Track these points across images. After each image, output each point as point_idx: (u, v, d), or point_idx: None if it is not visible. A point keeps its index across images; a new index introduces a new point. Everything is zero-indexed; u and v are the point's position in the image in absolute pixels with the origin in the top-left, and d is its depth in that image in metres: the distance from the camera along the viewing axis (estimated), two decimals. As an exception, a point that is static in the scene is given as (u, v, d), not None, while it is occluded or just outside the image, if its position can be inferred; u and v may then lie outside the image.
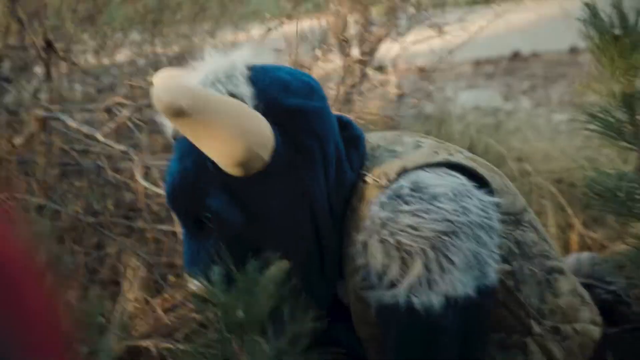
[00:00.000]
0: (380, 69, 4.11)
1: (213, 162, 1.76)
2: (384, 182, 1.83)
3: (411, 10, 4.44)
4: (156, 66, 4.73)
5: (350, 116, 3.13)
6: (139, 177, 2.90)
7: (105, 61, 4.78)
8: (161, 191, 2.97)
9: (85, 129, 3.04)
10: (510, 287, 1.85)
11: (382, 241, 1.76)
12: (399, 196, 1.77)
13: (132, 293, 2.99)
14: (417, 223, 1.73)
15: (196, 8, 5.16)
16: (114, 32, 4.91)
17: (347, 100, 3.41)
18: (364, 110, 3.20)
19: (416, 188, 1.77)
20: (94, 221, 3.44)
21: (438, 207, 1.74)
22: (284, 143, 1.78)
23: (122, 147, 3.00)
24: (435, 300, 1.73)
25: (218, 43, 4.82)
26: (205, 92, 1.71)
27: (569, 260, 2.43)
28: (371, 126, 3.81)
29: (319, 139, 1.81)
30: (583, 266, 2.37)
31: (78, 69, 4.13)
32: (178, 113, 1.58)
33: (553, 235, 3.68)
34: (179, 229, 3.23)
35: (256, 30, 5.22)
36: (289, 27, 3.12)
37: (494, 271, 1.77)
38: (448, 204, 1.74)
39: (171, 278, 3.29)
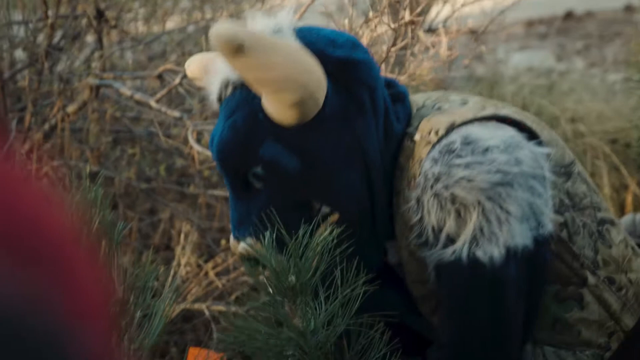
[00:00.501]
0: (432, 31, 4.07)
1: (264, 114, 1.77)
2: (433, 137, 1.82)
3: (462, -30, 4.38)
4: (206, 32, 4.74)
5: (402, 78, 3.11)
6: (192, 141, 2.91)
7: (156, 29, 4.79)
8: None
9: (137, 95, 3.05)
10: (564, 238, 1.84)
11: (437, 195, 1.75)
12: (450, 150, 1.76)
13: (184, 257, 3.02)
14: (471, 175, 1.72)
15: (245, -27, 5.15)
16: (164, 0, 4.92)
17: (399, 63, 3.38)
18: (416, 72, 3.17)
19: (467, 141, 1.76)
20: (147, 187, 3.47)
21: (491, 159, 1.73)
22: (336, 92, 1.78)
23: (174, 113, 3.01)
24: (497, 252, 1.72)
25: (267, 7, 4.81)
26: (263, 33, 1.72)
27: (625, 220, 2.40)
28: (422, 87, 3.78)
29: (369, 89, 1.82)
30: (638, 227, 2.35)
31: (129, 37, 4.15)
32: (237, 50, 1.57)
33: (607, 196, 3.63)
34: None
35: (305, -6, 5.20)
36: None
37: (549, 221, 1.77)
38: (500, 155, 1.73)
39: (223, 242, 3.31)
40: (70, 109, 3.16)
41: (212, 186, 3.58)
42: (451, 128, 1.81)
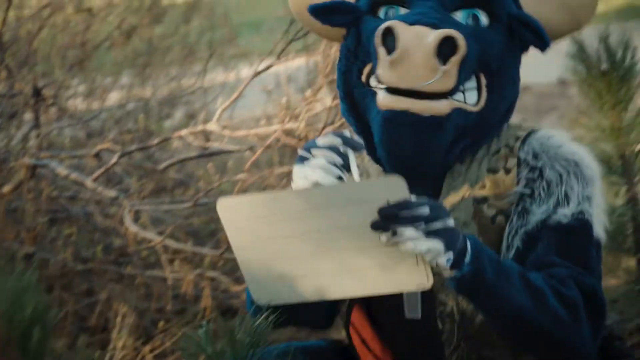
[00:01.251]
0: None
1: None
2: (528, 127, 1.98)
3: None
4: (146, 109, 4.74)
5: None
6: (128, 221, 2.88)
7: (95, 105, 4.78)
8: (151, 235, 2.95)
9: (74, 175, 3.03)
10: None
11: (559, 156, 1.90)
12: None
13: (121, 340, 2.96)
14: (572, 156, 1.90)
15: (185, 51, 5.18)
16: (104, 77, 4.93)
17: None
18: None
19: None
20: (83, 268, 3.42)
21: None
22: None
23: (111, 193, 2.99)
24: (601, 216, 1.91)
25: (206, 87, 4.84)
26: None
27: None
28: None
29: None
30: None
31: (67, 115, 4.13)
32: None
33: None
34: (169, 274, 3.22)
35: (246, 71, 5.24)
36: (279, 67, 3.12)
37: None
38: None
39: (161, 324, 3.26)
40: (6, 189, 3.12)
41: (150, 266, 3.54)
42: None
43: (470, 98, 1.86)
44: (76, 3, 4.68)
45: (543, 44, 1.87)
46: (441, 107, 1.79)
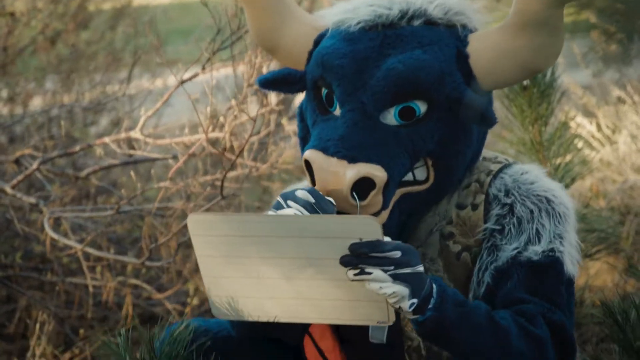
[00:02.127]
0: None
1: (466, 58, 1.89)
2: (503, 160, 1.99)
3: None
4: (71, 115, 4.69)
5: (264, 166, 3.13)
6: (48, 228, 2.85)
7: (18, 110, 4.71)
8: (72, 243, 2.92)
9: (-7, 180, 2.98)
10: None
11: (533, 194, 1.92)
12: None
13: (40, 348, 2.92)
14: (545, 193, 1.92)
15: (110, 58, 5.13)
16: (27, 82, 4.85)
17: (262, 150, 3.41)
18: (278, 160, 3.21)
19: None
20: (2, 275, 3.37)
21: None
22: None
23: (30, 199, 2.95)
24: (573, 253, 1.93)
25: (133, 92, 4.80)
26: None
27: None
28: (284, 175, 3.82)
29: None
30: None
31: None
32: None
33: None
34: (90, 281, 3.19)
35: (172, 79, 5.20)
36: (205, 76, 3.12)
37: None
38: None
39: (81, 332, 3.23)
40: None
41: (71, 274, 3.50)
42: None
43: (420, 174, 1.88)
44: (-2, 7, 4.62)
45: (486, 124, 1.87)
46: None
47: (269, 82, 1.96)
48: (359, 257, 1.62)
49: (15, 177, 3.22)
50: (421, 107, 1.84)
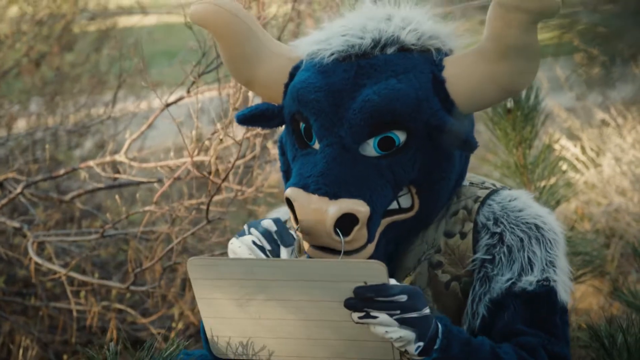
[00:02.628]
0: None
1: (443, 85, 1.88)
2: (491, 185, 1.97)
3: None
4: (55, 138, 4.67)
5: (250, 190, 3.13)
6: (32, 253, 2.83)
7: (1, 133, 4.69)
8: (56, 267, 2.91)
9: (-24, 204, 2.96)
10: None
11: (522, 222, 1.91)
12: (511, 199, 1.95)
13: (23, 375, 2.90)
14: (534, 220, 1.92)
15: (94, 80, 5.12)
16: (11, 104, 4.83)
17: (247, 173, 3.40)
18: (264, 184, 3.21)
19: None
20: (-15, 300, 3.34)
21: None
22: None
23: (14, 224, 2.93)
24: (566, 281, 1.92)
25: (118, 113, 4.78)
26: None
27: None
28: (270, 199, 3.81)
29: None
30: None
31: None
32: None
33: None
34: (74, 306, 3.16)
35: (157, 102, 5.19)
36: (191, 100, 3.11)
37: None
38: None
39: (65, 357, 3.21)
40: None
41: (55, 298, 3.47)
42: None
43: (405, 202, 1.88)
44: (-17, 30, 4.61)
45: (467, 148, 1.86)
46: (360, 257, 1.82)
47: (247, 118, 1.95)
48: (364, 301, 1.62)
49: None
50: (400, 136, 1.83)
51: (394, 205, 1.86)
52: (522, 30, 1.75)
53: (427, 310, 1.65)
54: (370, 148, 1.83)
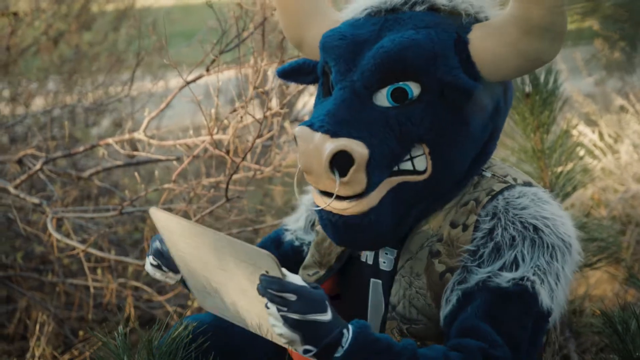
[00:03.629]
0: (299, 121, 4.13)
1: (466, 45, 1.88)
2: (511, 179, 1.94)
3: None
4: (72, 115, 4.69)
5: (268, 169, 3.13)
6: (51, 228, 2.84)
7: (20, 110, 4.70)
8: (75, 243, 2.92)
9: (-5, 180, 2.97)
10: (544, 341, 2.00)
11: (519, 221, 1.86)
12: (538, 196, 1.91)
13: (39, 349, 2.92)
14: (534, 221, 1.86)
15: (112, 59, 5.13)
16: (29, 82, 4.85)
17: (265, 153, 3.40)
18: (282, 163, 3.21)
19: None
20: (3, 275, 3.36)
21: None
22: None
23: (33, 199, 2.94)
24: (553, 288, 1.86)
25: (133, 93, 4.79)
26: None
27: None
28: (287, 179, 3.81)
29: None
30: None
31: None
32: None
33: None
34: (91, 283, 3.18)
35: (175, 81, 5.21)
36: (209, 79, 3.12)
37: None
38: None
39: (81, 333, 3.22)
40: None
41: (72, 275, 3.49)
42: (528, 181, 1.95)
43: (420, 164, 1.87)
44: (1, 7, 4.61)
45: (494, 117, 1.89)
46: (357, 207, 1.84)
47: (287, 73, 2.04)
48: (264, 289, 1.64)
49: (17, 177, 3.22)
50: (414, 89, 1.84)
51: (408, 166, 1.86)
52: (549, 11, 1.75)
53: (324, 317, 1.65)
54: (383, 98, 1.86)
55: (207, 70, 3.04)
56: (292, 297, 1.63)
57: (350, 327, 1.69)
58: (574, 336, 2.99)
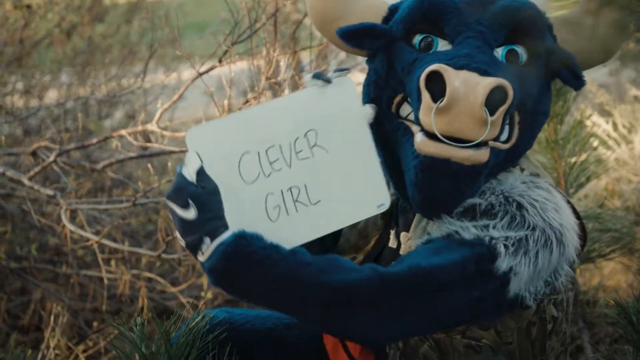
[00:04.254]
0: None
1: None
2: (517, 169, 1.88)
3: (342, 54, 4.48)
4: (85, 108, 4.70)
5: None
6: (65, 220, 2.85)
7: (33, 103, 4.72)
8: (89, 235, 2.93)
9: (9, 172, 2.98)
10: (548, 329, 1.88)
11: (509, 197, 1.79)
12: (537, 184, 1.83)
13: (54, 340, 2.93)
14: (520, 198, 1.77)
15: (125, 51, 5.14)
16: (43, 74, 4.87)
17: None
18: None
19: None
20: (17, 266, 3.38)
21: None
22: None
23: (48, 191, 2.95)
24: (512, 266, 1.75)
25: (148, 84, 4.80)
26: None
27: None
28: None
29: None
30: None
31: (4, 111, 4.07)
32: None
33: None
34: (105, 274, 3.19)
35: (188, 73, 5.21)
36: (221, 70, 3.11)
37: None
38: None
39: (95, 324, 3.24)
40: (-61, 184, 3.07)
41: (85, 266, 3.51)
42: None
43: (503, 135, 1.81)
44: (15, -1, 4.63)
45: (578, 83, 1.85)
46: (483, 156, 1.74)
47: (352, 34, 1.88)
48: None
49: (30, 169, 3.23)
50: (523, 54, 1.83)
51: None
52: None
53: (181, 212, 1.64)
54: (498, 57, 1.82)
55: (220, 61, 3.04)
56: (174, 181, 1.66)
57: (221, 238, 1.63)
58: (588, 327, 2.99)
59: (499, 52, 1.82)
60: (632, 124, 4.58)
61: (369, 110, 1.78)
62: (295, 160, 1.76)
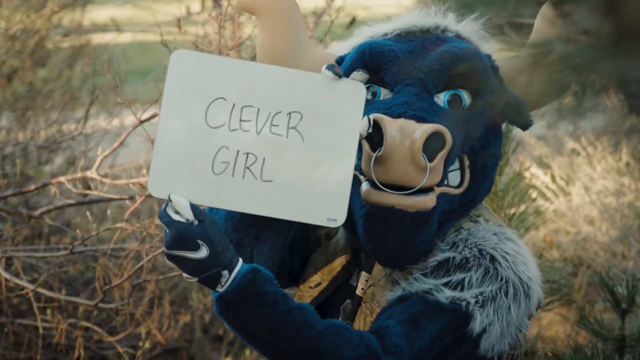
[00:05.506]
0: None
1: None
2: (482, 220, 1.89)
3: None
4: (25, 153, 4.64)
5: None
6: (0, 268, 2.80)
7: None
8: (24, 283, 2.88)
9: (-56, 218, 2.93)
10: None
11: (481, 250, 1.81)
12: (505, 235, 1.85)
13: (-14, 392, 2.86)
14: (521, 262, 1.81)
15: (67, 96, 5.10)
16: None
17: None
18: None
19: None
20: (-50, 314, 3.30)
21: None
22: None
23: (-18, 238, 2.90)
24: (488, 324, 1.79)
25: (89, 130, 4.76)
26: None
27: None
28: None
29: None
30: None
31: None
32: None
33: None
34: (40, 323, 3.14)
35: (130, 119, 5.18)
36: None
37: None
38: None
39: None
40: None
41: (20, 315, 3.44)
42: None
43: (454, 180, 1.84)
44: (-46, 42, 4.58)
45: (525, 123, 1.87)
46: (428, 202, 1.76)
47: None
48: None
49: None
50: (466, 98, 1.85)
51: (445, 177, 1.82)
52: None
53: (191, 254, 1.65)
54: (440, 102, 1.84)
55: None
56: (165, 229, 1.65)
57: (237, 270, 1.67)
58: (526, 378, 3.00)
59: (441, 98, 1.84)
60: (570, 176, 4.65)
61: (365, 124, 1.76)
62: (266, 131, 1.72)
